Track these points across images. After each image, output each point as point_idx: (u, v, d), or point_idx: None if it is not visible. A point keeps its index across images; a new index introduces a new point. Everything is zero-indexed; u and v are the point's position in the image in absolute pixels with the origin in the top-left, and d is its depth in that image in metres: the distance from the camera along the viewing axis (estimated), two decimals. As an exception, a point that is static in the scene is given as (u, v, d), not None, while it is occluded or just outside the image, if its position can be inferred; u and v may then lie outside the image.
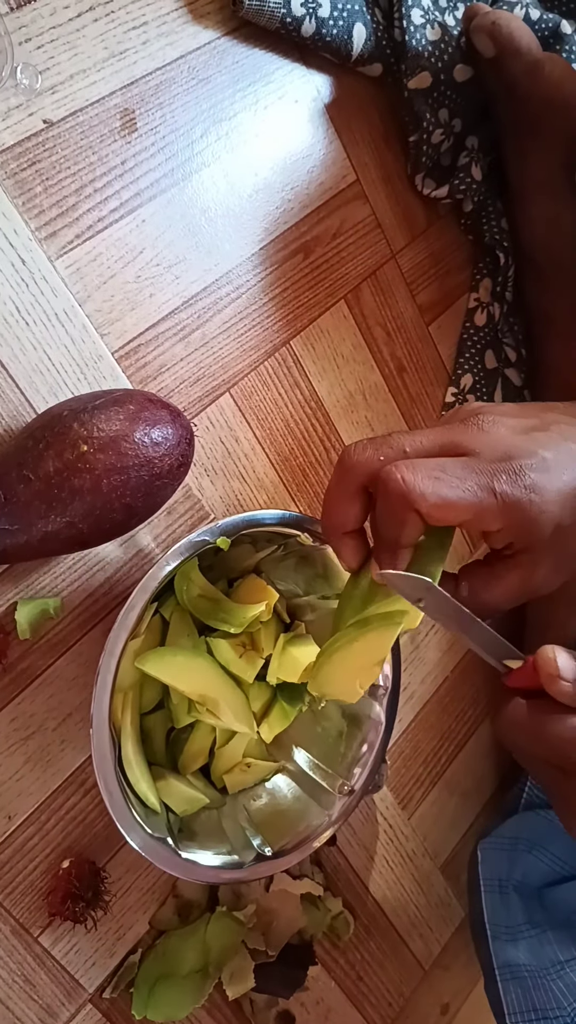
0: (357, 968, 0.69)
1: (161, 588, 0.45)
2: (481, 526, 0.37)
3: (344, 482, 0.39)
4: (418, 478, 0.35)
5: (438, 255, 0.71)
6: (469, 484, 0.36)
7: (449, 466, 0.36)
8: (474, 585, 0.40)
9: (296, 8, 0.55)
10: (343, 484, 0.40)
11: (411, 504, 0.35)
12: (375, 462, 0.38)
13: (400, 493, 0.35)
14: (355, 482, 0.39)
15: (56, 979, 0.53)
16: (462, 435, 0.39)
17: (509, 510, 0.36)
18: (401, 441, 0.39)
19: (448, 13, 0.64)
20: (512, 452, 0.37)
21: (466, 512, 0.36)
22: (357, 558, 0.42)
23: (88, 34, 0.50)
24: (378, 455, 0.38)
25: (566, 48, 0.67)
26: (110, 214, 0.52)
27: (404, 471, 0.36)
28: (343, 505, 0.40)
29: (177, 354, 0.55)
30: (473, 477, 0.36)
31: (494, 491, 0.36)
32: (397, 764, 0.70)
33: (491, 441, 0.38)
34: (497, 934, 0.66)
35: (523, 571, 0.39)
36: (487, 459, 0.37)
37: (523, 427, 0.39)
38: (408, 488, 0.35)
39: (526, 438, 0.38)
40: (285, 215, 0.60)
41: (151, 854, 0.44)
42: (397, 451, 0.38)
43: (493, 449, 0.37)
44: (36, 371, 0.49)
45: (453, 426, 0.40)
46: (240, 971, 0.58)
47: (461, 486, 0.36)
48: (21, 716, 0.51)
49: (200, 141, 0.55)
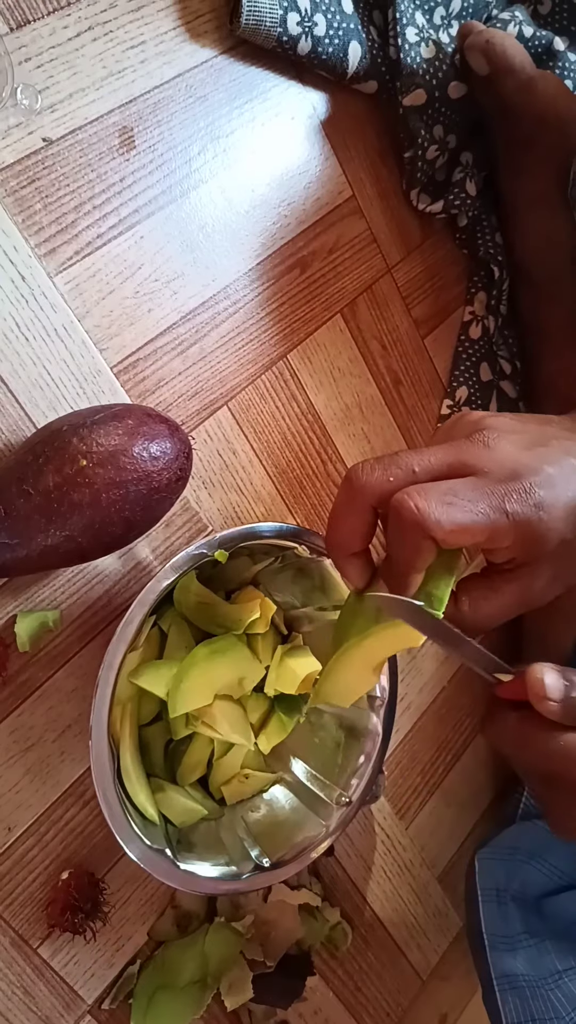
0: (355, 978, 0.69)
1: (159, 601, 0.46)
2: (492, 545, 0.37)
3: (351, 503, 0.39)
4: (431, 505, 0.35)
5: (433, 269, 0.71)
6: (481, 507, 0.36)
7: (460, 489, 0.36)
8: (473, 598, 0.40)
9: (292, 27, 0.56)
10: (350, 505, 0.39)
11: (427, 532, 0.35)
12: (384, 483, 0.38)
13: (415, 521, 0.35)
14: (363, 504, 0.38)
15: (55, 990, 0.53)
16: (468, 453, 0.38)
17: (520, 529, 0.36)
18: (409, 461, 0.38)
19: (442, 31, 0.65)
20: (519, 470, 0.37)
21: (481, 534, 0.36)
22: (364, 578, 0.41)
23: (87, 53, 0.51)
24: (387, 476, 0.38)
25: (559, 65, 0.68)
26: (109, 230, 0.52)
27: (417, 499, 0.35)
28: (350, 526, 0.39)
29: (175, 368, 0.56)
30: (485, 499, 0.36)
31: (506, 512, 0.36)
32: (394, 774, 0.71)
33: (498, 459, 0.38)
34: (495, 944, 0.66)
35: (522, 584, 0.39)
36: (496, 479, 0.37)
37: (526, 442, 0.39)
38: (423, 516, 0.35)
39: (531, 454, 0.38)
40: (282, 231, 0.61)
41: (150, 865, 0.45)
42: (406, 471, 0.38)
43: (501, 467, 0.37)
44: (36, 386, 0.50)
45: (459, 444, 0.39)
46: (238, 982, 0.58)
47: (474, 509, 0.35)
48: (20, 728, 0.51)
49: (198, 158, 0.56)
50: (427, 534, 0.35)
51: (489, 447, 0.39)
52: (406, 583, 0.38)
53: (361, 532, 0.40)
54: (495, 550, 0.38)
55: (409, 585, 0.38)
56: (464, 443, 0.39)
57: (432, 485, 0.37)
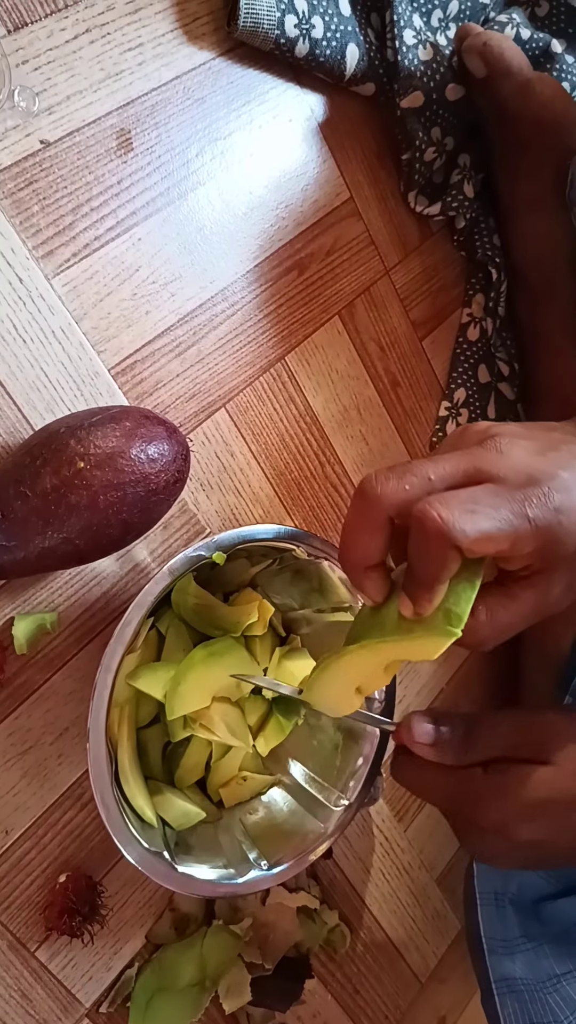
0: (354, 981, 0.68)
1: (157, 603, 0.46)
2: (514, 552, 0.36)
3: (366, 516, 0.38)
4: (455, 514, 0.34)
5: (431, 271, 0.71)
6: (504, 513, 0.35)
7: (481, 497, 0.36)
8: (490, 607, 0.39)
9: (290, 29, 0.56)
10: (366, 517, 0.38)
11: (452, 542, 0.34)
12: (401, 492, 0.37)
13: (439, 531, 0.34)
14: (380, 515, 0.37)
15: (53, 994, 0.53)
16: (482, 460, 0.38)
17: (541, 533, 0.36)
18: (424, 470, 0.37)
19: (440, 33, 0.65)
20: (536, 475, 0.37)
21: (505, 541, 0.35)
22: (382, 592, 0.40)
23: (84, 56, 0.51)
24: (402, 485, 0.37)
25: (556, 67, 0.68)
26: (106, 233, 0.52)
27: (440, 508, 0.34)
28: (366, 539, 0.38)
29: (173, 370, 0.56)
30: (507, 505, 0.35)
31: (527, 517, 0.35)
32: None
33: (513, 464, 0.37)
34: (494, 948, 0.66)
35: (539, 590, 0.39)
36: (514, 484, 0.36)
37: (537, 448, 0.39)
38: (448, 527, 0.34)
39: (545, 459, 0.38)
40: (280, 233, 0.61)
41: (148, 868, 0.45)
42: (422, 480, 0.37)
43: (517, 473, 0.37)
44: (33, 388, 0.50)
45: (472, 451, 0.39)
46: (237, 985, 0.58)
47: (497, 516, 0.35)
48: (18, 731, 0.51)
49: (195, 160, 0.56)
50: (452, 544, 0.34)
51: (503, 453, 0.38)
52: (430, 596, 0.37)
53: (378, 545, 0.38)
54: (513, 558, 0.37)
55: (434, 597, 0.37)
56: (477, 450, 0.39)
57: (452, 494, 0.36)
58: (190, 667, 0.49)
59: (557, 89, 0.64)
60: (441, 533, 0.34)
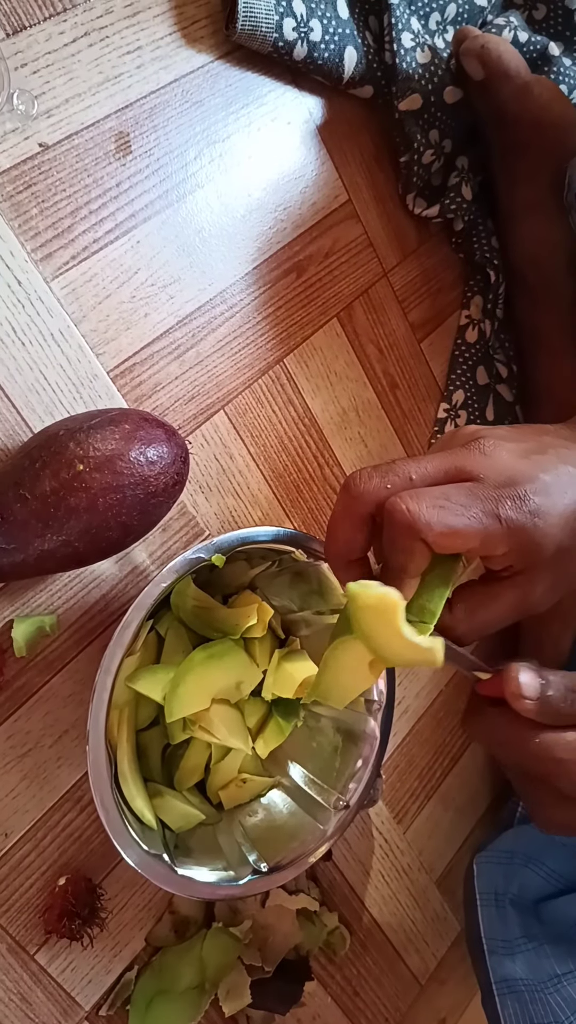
0: (353, 983, 0.68)
1: (157, 605, 0.46)
2: (487, 551, 0.37)
3: (349, 511, 0.39)
4: (423, 508, 0.35)
5: (429, 273, 0.71)
6: (474, 511, 0.36)
7: (453, 494, 0.36)
8: (470, 605, 0.40)
9: (288, 32, 0.56)
10: (348, 513, 0.39)
11: (417, 534, 0.35)
12: (381, 491, 0.38)
13: (406, 523, 0.35)
14: (361, 511, 0.39)
15: (52, 997, 0.53)
16: (465, 460, 0.39)
17: (514, 535, 0.36)
18: (406, 468, 0.39)
19: (438, 36, 0.65)
20: (515, 477, 0.37)
21: (473, 539, 0.36)
22: None
23: (83, 59, 0.51)
24: (384, 483, 0.38)
25: (554, 70, 0.68)
26: (105, 235, 0.53)
27: (409, 502, 0.36)
28: (348, 533, 0.40)
29: (172, 373, 0.56)
30: (478, 504, 0.36)
31: (499, 517, 0.36)
32: (392, 778, 0.71)
33: (494, 465, 0.38)
34: (494, 948, 0.66)
35: (520, 591, 0.39)
36: (491, 484, 0.37)
37: (523, 451, 0.39)
38: (414, 518, 0.35)
39: (527, 462, 0.38)
40: (278, 235, 0.61)
41: (147, 871, 0.44)
42: (403, 479, 0.38)
43: (497, 474, 0.38)
44: (32, 391, 0.50)
45: (456, 451, 0.40)
46: (236, 987, 0.58)
47: (466, 513, 0.36)
48: (17, 733, 0.51)
49: (194, 163, 0.56)
50: (418, 536, 0.35)
51: (486, 454, 0.39)
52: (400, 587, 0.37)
53: (359, 540, 0.40)
54: (492, 557, 0.38)
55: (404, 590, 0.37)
56: (461, 451, 0.39)
57: (426, 490, 0.37)
58: (189, 669, 0.49)
59: (555, 92, 0.64)
60: (407, 524, 0.35)
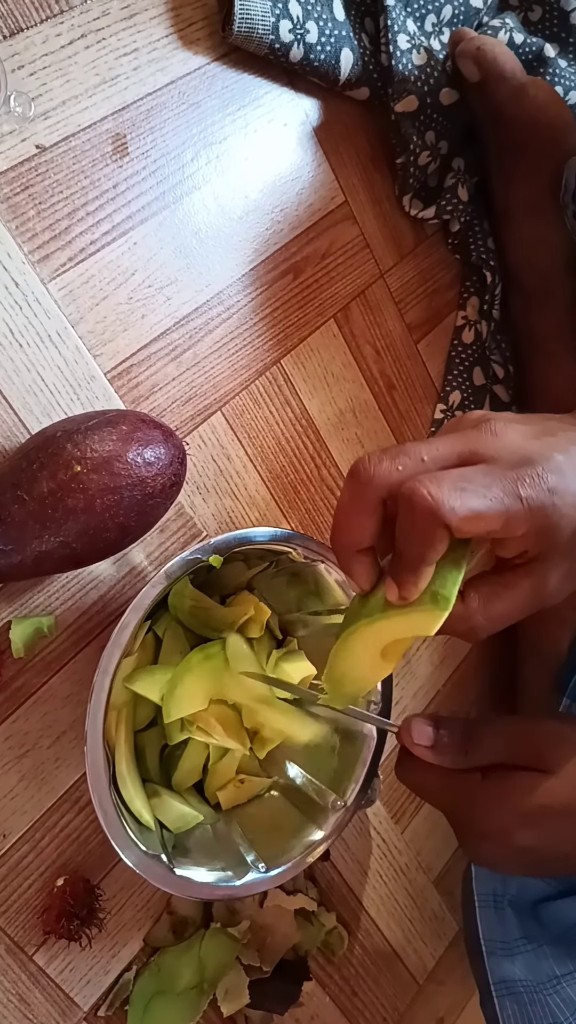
0: (352, 983, 0.69)
1: (154, 606, 0.46)
2: (507, 533, 0.36)
3: (360, 496, 0.37)
4: (444, 491, 0.34)
5: (426, 274, 0.72)
6: (495, 492, 0.35)
7: (472, 475, 0.35)
8: (484, 595, 0.39)
9: (284, 34, 0.56)
10: (357, 499, 0.37)
11: (440, 519, 0.34)
12: (393, 473, 0.36)
13: (428, 509, 0.34)
14: (372, 496, 0.37)
15: (51, 998, 0.53)
16: (477, 442, 0.37)
17: (534, 515, 0.35)
18: (418, 450, 0.37)
19: (434, 38, 0.65)
20: (530, 456, 0.36)
21: (496, 521, 0.35)
22: (370, 578, 0.40)
23: (80, 61, 0.51)
24: (395, 466, 0.37)
25: (550, 72, 0.68)
26: (102, 237, 0.53)
27: (430, 486, 0.34)
28: (358, 520, 0.38)
29: (169, 374, 0.56)
30: (498, 484, 0.35)
31: (520, 496, 0.35)
32: (390, 778, 0.71)
33: (507, 445, 0.37)
34: (493, 950, 0.66)
35: (536, 579, 0.38)
36: (507, 464, 0.36)
37: (533, 432, 0.38)
38: (437, 503, 0.34)
39: (539, 443, 0.37)
40: (275, 236, 0.61)
41: (145, 871, 0.45)
42: (415, 460, 0.37)
43: (511, 453, 0.36)
44: (30, 392, 0.50)
45: (467, 433, 0.38)
46: (235, 987, 0.58)
47: (488, 495, 0.34)
48: (16, 734, 0.51)
49: (191, 164, 0.56)
50: (441, 522, 0.34)
51: (497, 435, 0.38)
52: (415, 578, 0.36)
53: (369, 528, 0.38)
54: (507, 543, 0.37)
55: (420, 579, 0.36)
56: (472, 432, 0.38)
57: (444, 472, 0.35)
58: (187, 670, 0.49)
59: (550, 93, 0.64)
60: (430, 510, 0.34)
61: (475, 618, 0.38)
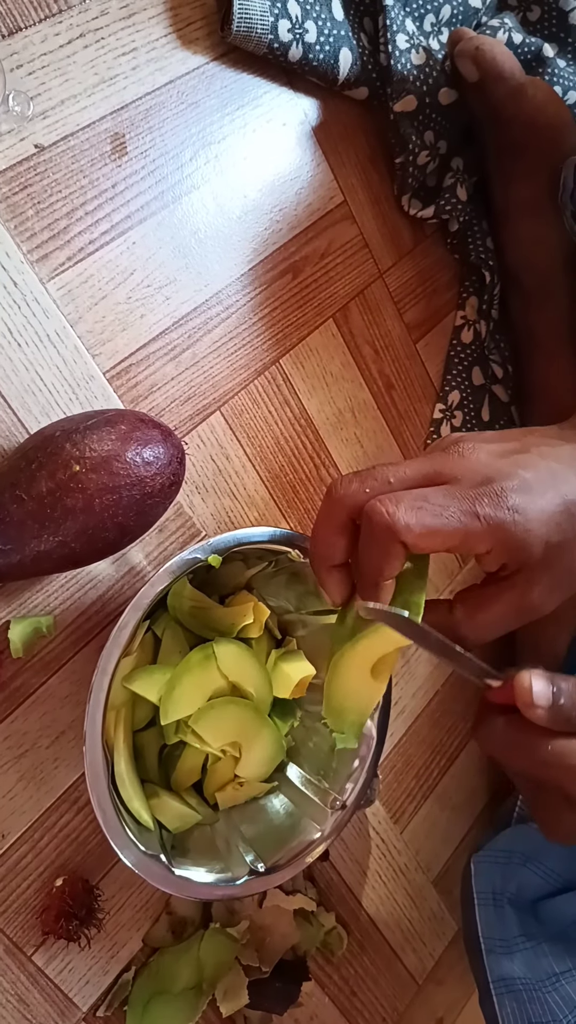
0: (351, 983, 0.69)
1: (153, 606, 0.46)
2: (469, 550, 0.38)
3: (331, 515, 0.40)
4: (401, 509, 0.36)
5: (425, 274, 0.72)
6: (452, 511, 0.36)
7: (431, 495, 0.37)
8: (469, 607, 0.40)
9: (283, 34, 0.56)
10: (330, 517, 0.40)
11: (396, 536, 0.36)
12: (361, 495, 0.39)
13: (385, 525, 0.36)
14: (342, 515, 0.40)
15: (50, 998, 0.53)
16: (443, 464, 0.39)
17: (495, 532, 0.37)
18: (385, 473, 0.39)
19: (432, 38, 0.65)
20: (492, 475, 0.38)
21: (452, 538, 0.36)
22: (342, 592, 0.42)
23: (79, 60, 0.51)
24: (363, 487, 0.39)
25: (548, 71, 0.68)
26: (101, 236, 0.53)
27: (387, 504, 0.37)
28: (330, 537, 0.40)
29: (168, 373, 0.56)
30: (455, 503, 0.37)
31: (477, 515, 0.36)
32: (389, 778, 0.71)
33: (471, 466, 0.39)
34: (492, 948, 0.66)
35: (518, 591, 0.39)
36: (468, 484, 0.38)
37: (503, 451, 0.40)
38: (393, 520, 0.36)
39: (506, 461, 0.39)
40: (274, 236, 0.61)
41: (144, 871, 0.45)
42: (382, 482, 0.39)
43: (474, 474, 0.38)
44: (28, 392, 0.50)
45: (434, 455, 0.40)
46: (234, 988, 0.58)
47: (444, 513, 0.36)
48: (14, 734, 0.51)
49: (189, 164, 0.56)
50: (397, 538, 0.36)
51: (464, 456, 0.40)
52: (377, 591, 0.38)
53: (341, 544, 0.40)
54: (485, 558, 0.38)
55: (381, 593, 0.38)
56: (439, 454, 0.40)
57: (404, 492, 0.38)
58: (186, 671, 0.49)
59: (549, 93, 0.64)
60: (387, 527, 0.36)
61: (460, 628, 0.40)
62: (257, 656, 0.53)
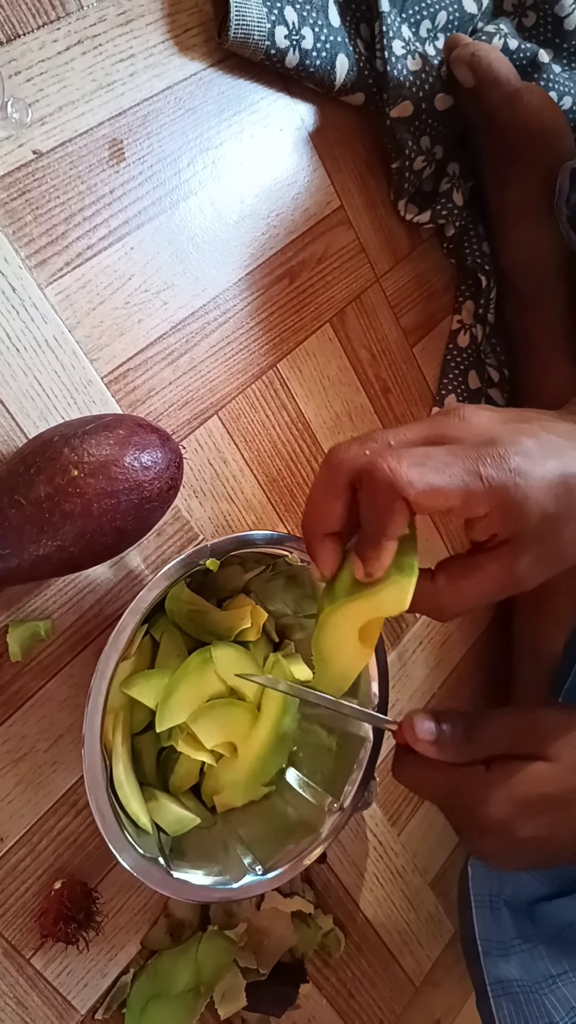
0: (348, 985, 0.69)
1: (151, 609, 0.46)
2: (468, 512, 0.37)
3: (329, 480, 0.39)
4: (404, 466, 0.35)
5: (421, 278, 0.72)
6: (455, 469, 0.35)
7: (434, 453, 0.36)
8: (452, 576, 0.39)
9: (280, 40, 0.57)
10: (328, 483, 0.39)
11: (399, 493, 0.35)
12: (360, 457, 0.38)
13: (387, 482, 0.35)
14: (341, 479, 0.38)
15: (48, 1001, 0.53)
16: (444, 426, 0.39)
17: (495, 494, 0.36)
18: (386, 436, 0.39)
19: (428, 44, 0.66)
20: (495, 438, 0.37)
21: (454, 497, 0.35)
22: (333, 563, 0.41)
23: (76, 67, 0.52)
24: (363, 450, 0.38)
25: (544, 77, 0.68)
26: (99, 242, 0.53)
27: (390, 461, 0.35)
28: (327, 502, 0.39)
29: (166, 378, 0.56)
30: (459, 462, 0.36)
31: (480, 475, 0.35)
32: (386, 781, 0.71)
33: (474, 428, 0.38)
34: (489, 950, 0.66)
35: (504, 561, 0.39)
36: (471, 444, 0.37)
37: (503, 419, 0.39)
38: (395, 477, 0.35)
39: (508, 427, 0.38)
40: (271, 241, 0.61)
41: (143, 874, 0.45)
42: (382, 445, 0.38)
43: (477, 435, 0.37)
44: (27, 396, 0.50)
45: (436, 418, 0.40)
46: (232, 990, 0.58)
47: (447, 471, 0.35)
48: (13, 738, 0.51)
49: (187, 170, 0.56)
50: (399, 495, 0.35)
51: (465, 419, 0.39)
52: (379, 552, 0.37)
53: (338, 509, 0.39)
54: (476, 525, 0.38)
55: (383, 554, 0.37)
56: (441, 418, 0.40)
57: (406, 450, 0.37)
58: (183, 676, 0.49)
59: (544, 99, 0.65)
60: (389, 484, 0.35)
61: (441, 596, 0.40)
62: (255, 659, 0.53)
